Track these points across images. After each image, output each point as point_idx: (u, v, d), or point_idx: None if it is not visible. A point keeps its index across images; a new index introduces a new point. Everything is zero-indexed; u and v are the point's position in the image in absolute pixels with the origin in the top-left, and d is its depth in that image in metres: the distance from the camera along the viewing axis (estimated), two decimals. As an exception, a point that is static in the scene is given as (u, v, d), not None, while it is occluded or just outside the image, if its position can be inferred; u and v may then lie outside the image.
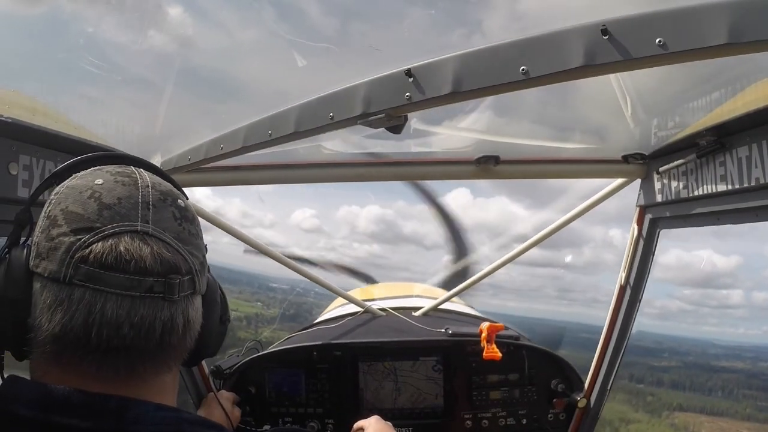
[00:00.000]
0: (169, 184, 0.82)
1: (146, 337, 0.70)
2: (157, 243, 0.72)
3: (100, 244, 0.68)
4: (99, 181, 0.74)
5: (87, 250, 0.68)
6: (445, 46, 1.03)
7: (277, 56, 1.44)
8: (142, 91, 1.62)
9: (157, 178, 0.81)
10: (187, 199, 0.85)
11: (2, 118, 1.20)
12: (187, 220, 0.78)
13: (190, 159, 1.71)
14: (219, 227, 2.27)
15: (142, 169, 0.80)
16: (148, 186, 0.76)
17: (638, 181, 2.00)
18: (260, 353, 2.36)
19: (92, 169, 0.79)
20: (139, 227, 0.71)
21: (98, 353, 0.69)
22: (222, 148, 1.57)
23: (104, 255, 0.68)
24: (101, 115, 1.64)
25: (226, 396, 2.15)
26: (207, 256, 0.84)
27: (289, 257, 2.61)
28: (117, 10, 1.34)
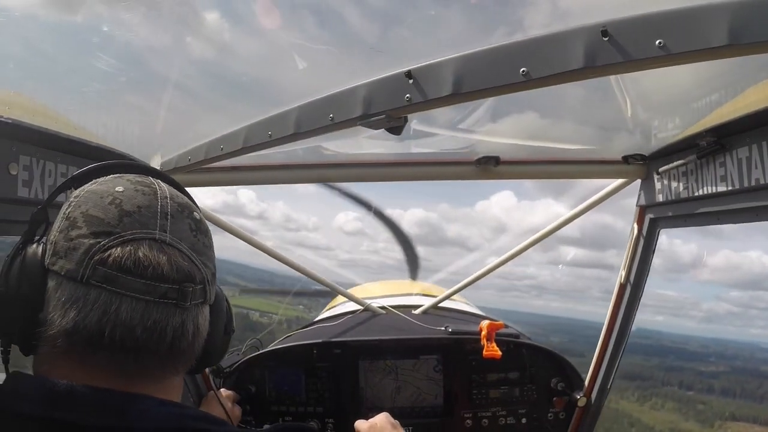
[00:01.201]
0: (185, 197, 0.86)
1: (158, 341, 0.73)
2: (174, 252, 0.75)
3: (119, 248, 0.71)
4: (120, 188, 0.77)
5: (106, 253, 0.71)
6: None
7: (280, 58, 1.44)
8: (143, 92, 1.62)
9: (175, 190, 0.84)
10: (199, 210, 0.89)
11: (2, 119, 1.20)
12: (202, 232, 0.81)
13: (190, 159, 1.71)
14: (223, 228, 2.27)
15: (160, 181, 0.84)
16: (167, 197, 0.79)
17: (638, 182, 2.00)
18: (260, 351, 2.36)
19: (112, 176, 0.82)
20: (157, 236, 0.74)
21: (112, 352, 0.71)
22: (222, 149, 1.57)
23: (123, 259, 0.71)
24: (101, 116, 1.64)
25: (226, 395, 2.16)
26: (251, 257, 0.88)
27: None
28: (119, 9, 1.33)
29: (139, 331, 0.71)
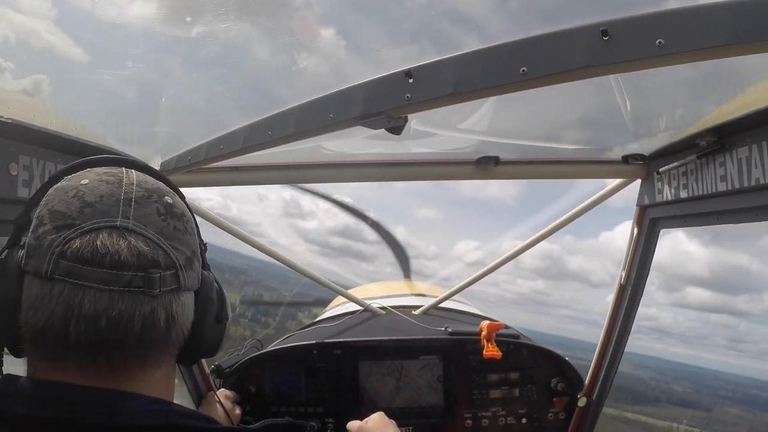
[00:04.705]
0: (158, 182, 0.83)
1: (125, 332, 0.71)
2: (137, 238, 0.72)
3: (78, 240, 0.70)
4: (85, 181, 0.76)
5: (66, 246, 0.70)
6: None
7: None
8: (143, 91, 1.62)
9: (148, 177, 0.82)
10: (183, 197, 0.87)
11: (2, 119, 1.20)
12: (173, 216, 0.78)
13: (190, 159, 1.71)
14: (219, 227, 2.27)
15: (132, 170, 0.82)
16: (132, 184, 0.77)
17: (638, 182, 2.00)
18: (260, 352, 2.36)
19: (83, 171, 0.80)
20: (118, 223, 0.72)
21: (78, 348, 0.70)
22: (222, 149, 1.57)
23: (81, 250, 0.69)
24: (101, 116, 1.64)
25: (226, 395, 2.16)
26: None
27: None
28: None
29: (104, 322, 0.69)
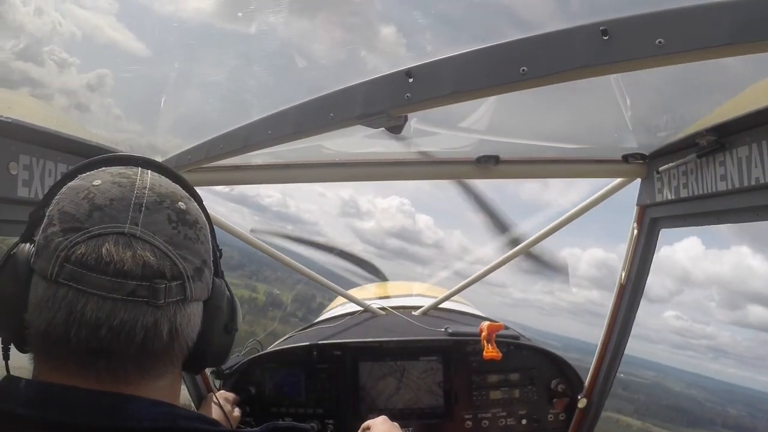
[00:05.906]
0: (175, 185, 0.81)
1: (126, 342, 0.69)
2: (143, 246, 0.70)
3: (84, 244, 0.69)
4: (97, 182, 0.74)
5: (72, 250, 0.69)
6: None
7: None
8: (143, 90, 1.62)
9: (163, 179, 0.80)
10: (200, 201, 0.85)
11: (2, 118, 1.20)
12: (185, 223, 0.76)
13: (190, 159, 1.71)
14: (222, 229, 2.27)
15: (148, 171, 0.79)
16: (145, 188, 0.75)
17: (638, 181, 2.00)
18: (260, 353, 2.36)
19: (98, 170, 0.79)
20: (126, 229, 0.70)
21: (79, 354, 0.69)
22: (222, 148, 1.57)
23: (86, 256, 0.68)
24: (101, 115, 1.64)
25: (225, 396, 2.15)
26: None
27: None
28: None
29: (104, 331, 0.68)
